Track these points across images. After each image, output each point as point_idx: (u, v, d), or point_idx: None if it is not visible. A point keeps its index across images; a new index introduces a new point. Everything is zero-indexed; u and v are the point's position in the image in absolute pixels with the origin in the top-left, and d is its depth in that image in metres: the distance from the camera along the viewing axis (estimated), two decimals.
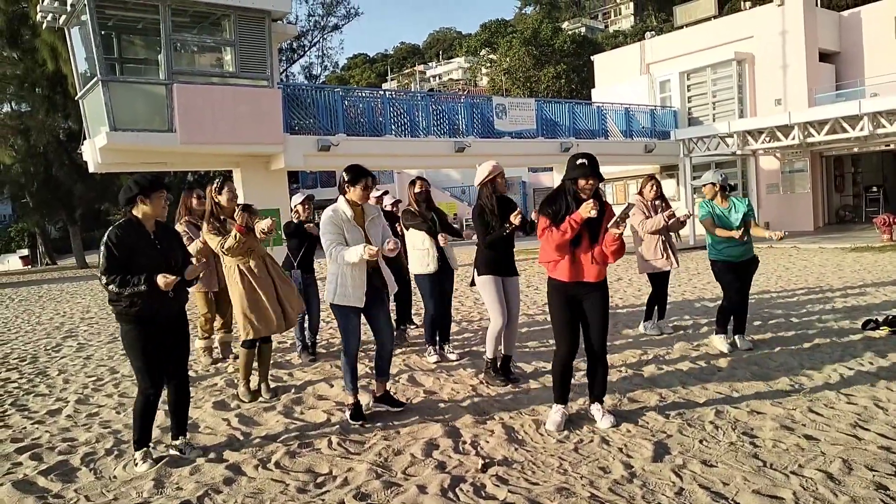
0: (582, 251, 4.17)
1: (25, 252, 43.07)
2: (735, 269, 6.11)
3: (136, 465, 3.95)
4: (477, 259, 5.41)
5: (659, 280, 7.07)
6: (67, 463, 4.13)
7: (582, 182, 4.14)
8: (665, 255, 6.87)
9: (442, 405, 4.90)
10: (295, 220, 6.63)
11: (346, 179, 4.54)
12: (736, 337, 6.23)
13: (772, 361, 5.67)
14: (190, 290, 4.34)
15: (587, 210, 4.00)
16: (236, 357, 6.69)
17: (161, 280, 3.74)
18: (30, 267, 39.35)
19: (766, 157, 22.18)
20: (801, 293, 9.35)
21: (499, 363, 5.48)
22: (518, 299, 5.46)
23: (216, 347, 6.91)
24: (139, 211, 3.92)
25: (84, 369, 6.90)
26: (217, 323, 6.83)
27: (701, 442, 3.94)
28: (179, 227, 6.43)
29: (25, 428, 4.93)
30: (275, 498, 3.48)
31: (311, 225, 6.55)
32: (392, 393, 5.00)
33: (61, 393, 5.96)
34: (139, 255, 3.83)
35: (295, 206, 6.67)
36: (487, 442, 4.10)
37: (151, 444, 4.13)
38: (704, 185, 6.30)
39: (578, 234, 4.11)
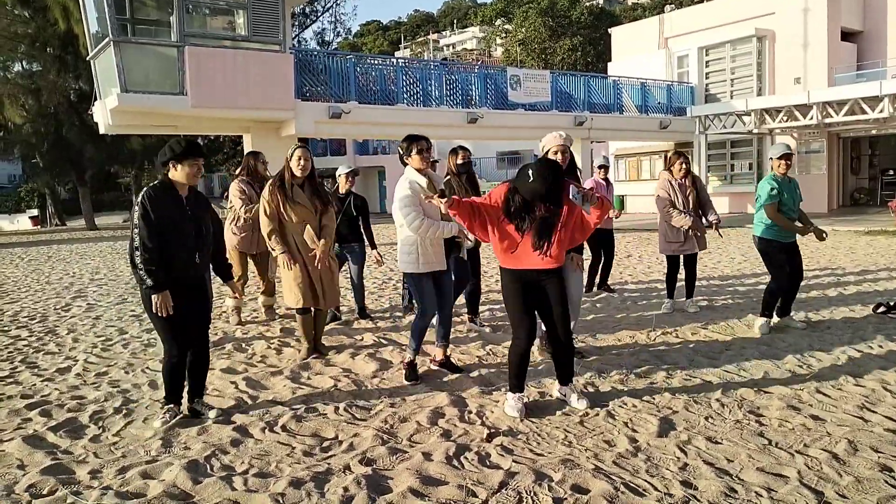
0: (529, 247, 3.95)
1: (35, 212, 43.29)
2: (787, 250, 5.93)
3: (157, 418, 4.03)
4: None
5: (675, 260, 6.98)
6: (76, 420, 4.17)
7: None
8: (685, 238, 6.75)
9: (448, 375, 4.91)
10: (342, 191, 6.75)
11: (403, 148, 4.66)
12: (787, 318, 6.14)
13: (781, 342, 5.64)
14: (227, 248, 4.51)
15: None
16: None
17: (157, 300, 3.80)
18: (39, 227, 39.58)
19: (783, 136, 21.89)
20: (812, 275, 9.29)
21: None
22: None
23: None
24: (172, 175, 3.92)
25: (93, 329, 6.95)
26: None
27: (706, 419, 3.93)
28: (234, 185, 6.57)
29: (35, 385, 4.97)
30: (281, 460, 3.51)
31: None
32: (450, 357, 5.14)
33: (70, 352, 6.01)
34: (170, 218, 3.84)
35: (339, 176, 6.78)
36: (493, 412, 4.11)
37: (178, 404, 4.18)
38: (776, 159, 5.86)
39: (523, 228, 3.91)
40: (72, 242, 21.88)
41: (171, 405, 4.09)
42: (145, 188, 3.88)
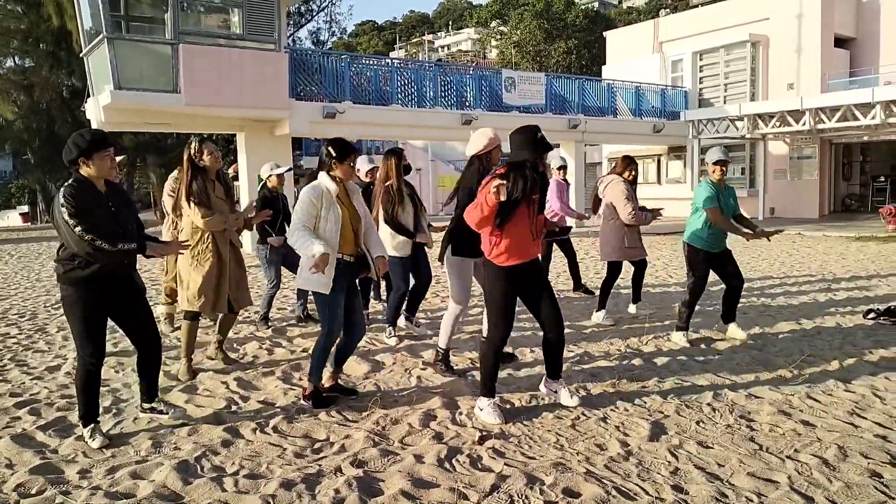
0: (522, 231, 3.97)
1: (26, 209, 42.96)
2: (714, 259, 5.79)
3: (88, 441, 3.73)
4: (451, 235, 4.86)
5: (619, 267, 6.80)
6: (66, 419, 4.15)
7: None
8: (641, 244, 6.70)
9: (440, 377, 4.90)
10: (269, 189, 6.55)
11: (333, 155, 4.20)
12: (730, 326, 5.98)
13: (772, 347, 5.66)
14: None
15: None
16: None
17: (155, 249, 3.70)
18: (30, 224, 39.29)
19: (776, 141, 22.01)
20: (803, 280, 9.33)
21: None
22: None
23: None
24: (84, 172, 3.62)
25: None
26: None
27: (698, 423, 3.94)
28: (168, 184, 6.35)
29: (24, 383, 4.94)
30: (272, 461, 3.49)
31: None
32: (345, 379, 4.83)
33: (60, 350, 5.97)
34: (96, 215, 3.59)
35: (270, 175, 6.54)
36: None
37: (100, 418, 3.95)
38: (712, 164, 5.67)
39: (518, 210, 3.92)
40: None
41: (94, 424, 3.79)
42: (62, 188, 3.58)
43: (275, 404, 4.38)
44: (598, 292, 6.95)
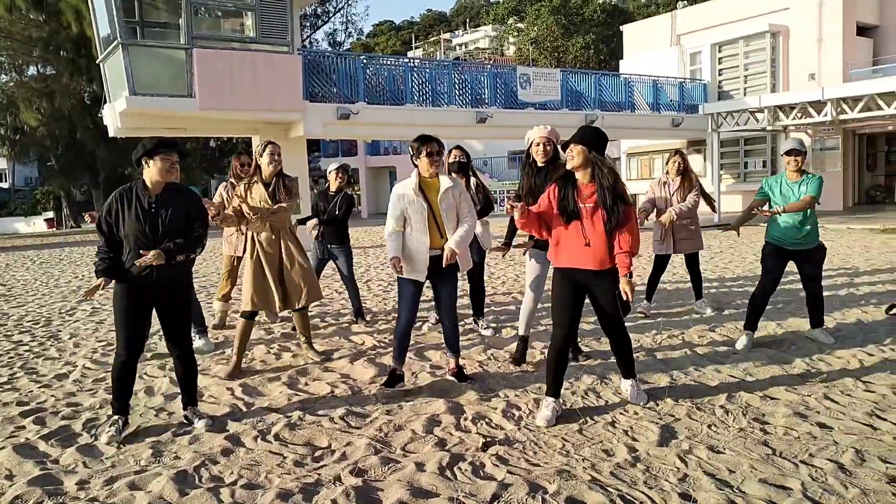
0: (573, 237, 3.95)
1: (51, 215, 43.63)
2: (784, 255, 5.48)
3: (100, 434, 3.91)
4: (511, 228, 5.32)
5: (659, 261, 6.96)
6: (69, 428, 4.13)
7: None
8: (664, 239, 6.79)
9: (447, 381, 4.82)
10: (332, 189, 6.69)
11: (410, 151, 4.54)
12: (816, 332, 5.63)
13: (790, 344, 5.50)
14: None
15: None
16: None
17: (89, 290, 3.96)
18: (55, 230, 39.90)
19: (798, 133, 21.60)
20: (824, 274, 9.08)
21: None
22: None
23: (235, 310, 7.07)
24: (147, 174, 3.86)
25: (95, 334, 6.93)
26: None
27: (709, 427, 3.82)
28: (220, 188, 6.52)
29: (32, 391, 4.94)
30: (271, 470, 3.44)
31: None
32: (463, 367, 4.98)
33: (70, 357, 5.98)
34: (126, 222, 3.83)
35: (329, 173, 6.74)
36: (490, 420, 4.02)
37: (129, 415, 4.09)
38: (782, 154, 5.51)
39: (570, 218, 3.93)
40: (84, 245, 22.00)
41: (117, 416, 3.95)
42: (115, 191, 3.95)
43: (278, 410, 4.33)
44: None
